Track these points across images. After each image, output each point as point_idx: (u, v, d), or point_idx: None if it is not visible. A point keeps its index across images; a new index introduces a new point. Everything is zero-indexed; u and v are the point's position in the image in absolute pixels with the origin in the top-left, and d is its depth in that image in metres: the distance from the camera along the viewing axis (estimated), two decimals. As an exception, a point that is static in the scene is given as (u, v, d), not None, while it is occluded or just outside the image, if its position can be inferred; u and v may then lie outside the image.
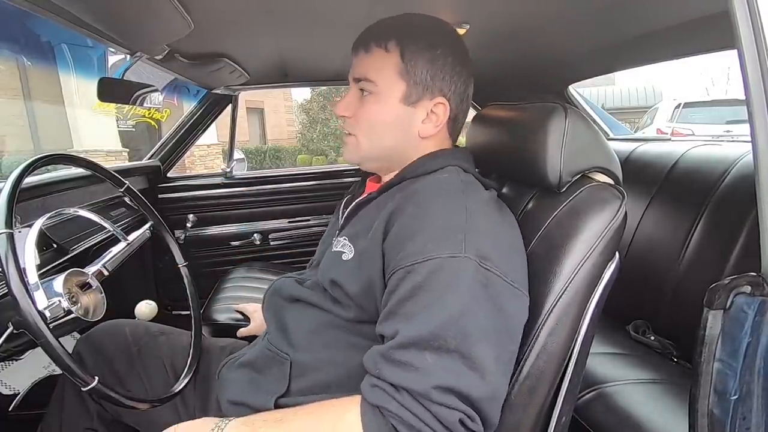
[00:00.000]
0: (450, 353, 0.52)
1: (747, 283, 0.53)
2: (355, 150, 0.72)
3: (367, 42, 0.68)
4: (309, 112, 12.19)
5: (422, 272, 0.55)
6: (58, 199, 1.11)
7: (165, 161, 1.85)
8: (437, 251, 0.55)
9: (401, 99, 0.68)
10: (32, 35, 5.77)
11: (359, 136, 0.71)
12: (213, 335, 1.21)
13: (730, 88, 10.82)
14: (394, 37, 0.67)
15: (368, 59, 0.68)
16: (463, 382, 0.51)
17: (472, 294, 0.54)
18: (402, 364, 0.52)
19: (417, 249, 0.56)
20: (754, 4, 0.50)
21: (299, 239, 2.00)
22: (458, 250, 0.55)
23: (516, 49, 1.29)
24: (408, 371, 0.52)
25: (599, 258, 0.61)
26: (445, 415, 0.51)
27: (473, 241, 0.56)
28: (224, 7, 0.87)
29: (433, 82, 0.67)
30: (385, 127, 0.69)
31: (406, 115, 0.68)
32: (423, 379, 0.51)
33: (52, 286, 0.67)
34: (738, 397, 0.53)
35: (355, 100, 0.71)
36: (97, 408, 0.82)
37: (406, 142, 0.70)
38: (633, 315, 1.27)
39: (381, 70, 0.67)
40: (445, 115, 0.69)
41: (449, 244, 0.56)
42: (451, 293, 0.54)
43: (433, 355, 0.52)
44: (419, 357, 0.52)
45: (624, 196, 0.64)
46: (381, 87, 0.67)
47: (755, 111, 0.51)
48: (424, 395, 0.51)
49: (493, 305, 0.55)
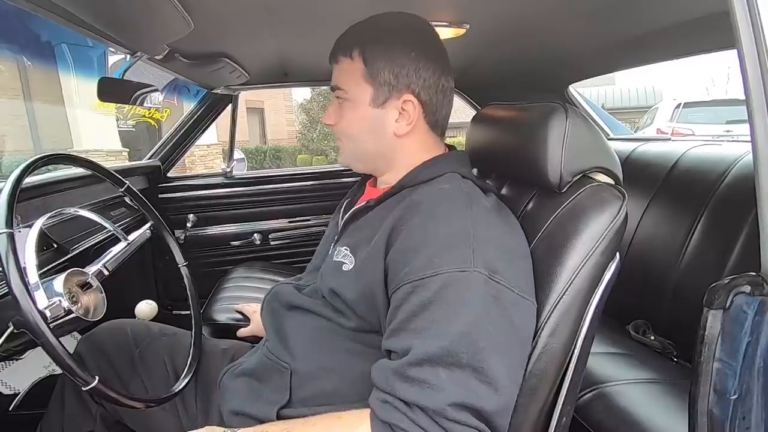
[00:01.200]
0: (463, 368, 0.51)
1: (747, 283, 0.53)
2: (345, 154, 0.76)
3: (335, 53, 0.72)
4: (309, 112, 12.19)
5: (431, 287, 0.54)
6: (58, 199, 1.11)
7: (165, 161, 1.85)
8: (445, 266, 0.55)
9: (370, 102, 0.69)
10: (32, 35, 5.77)
11: (344, 141, 0.75)
12: (213, 335, 1.21)
13: (730, 88, 10.81)
14: (356, 44, 0.69)
15: (338, 69, 0.72)
16: (477, 398, 0.51)
17: (483, 308, 0.54)
18: (416, 381, 0.52)
19: (423, 263, 0.56)
20: (754, 4, 0.50)
21: (299, 239, 2.00)
22: (467, 264, 0.55)
23: (516, 49, 1.29)
24: (423, 388, 0.51)
25: (600, 258, 0.61)
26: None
27: (481, 253, 0.56)
28: (224, 7, 0.87)
29: (397, 80, 0.68)
30: (360, 131, 0.72)
31: (377, 117, 0.70)
32: (438, 396, 0.51)
33: (52, 285, 0.67)
34: (738, 397, 0.53)
35: (336, 108, 0.74)
36: (99, 409, 0.82)
37: (385, 143, 0.71)
38: (633, 315, 1.27)
39: (348, 77, 0.70)
40: (415, 110, 0.69)
41: (457, 257, 0.55)
42: (463, 308, 0.53)
43: (446, 371, 0.51)
44: (433, 374, 0.51)
45: (625, 197, 0.64)
46: (351, 94, 0.70)
47: (755, 111, 0.51)
48: (439, 413, 0.50)
49: (503, 318, 0.55)
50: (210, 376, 0.81)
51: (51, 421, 0.82)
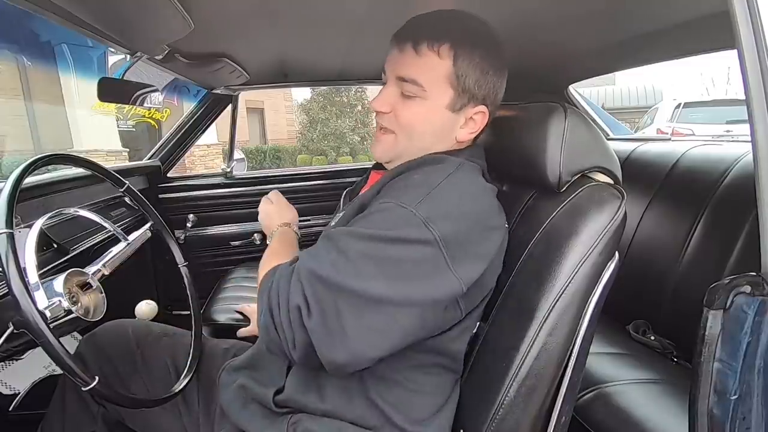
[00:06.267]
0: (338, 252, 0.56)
1: (747, 283, 0.53)
2: (391, 147, 0.70)
3: (418, 41, 0.64)
4: (309, 112, 12.18)
5: (371, 210, 0.59)
6: (58, 199, 1.11)
7: (165, 161, 1.85)
8: (392, 200, 0.58)
9: (447, 105, 0.66)
10: (32, 35, 5.77)
11: (399, 135, 0.69)
12: (213, 335, 1.21)
13: (730, 88, 10.81)
14: (447, 41, 0.64)
15: (418, 61, 0.64)
16: (295, 300, 0.56)
17: (395, 232, 0.55)
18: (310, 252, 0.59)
19: (382, 201, 0.59)
20: (754, 4, 0.50)
21: (299, 239, 2.00)
22: (410, 204, 0.56)
23: (516, 49, 1.28)
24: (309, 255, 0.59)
25: (599, 258, 0.61)
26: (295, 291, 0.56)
27: (430, 204, 0.57)
28: (224, 8, 0.87)
29: (478, 90, 0.66)
30: (426, 131, 0.68)
31: (448, 121, 0.68)
32: (291, 293, 0.56)
33: (52, 286, 0.67)
34: (738, 397, 0.53)
35: (395, 96, 0.67)
36: (100, 410, 0.82)
37: (443, 144, 0.70)
38: (633, 315, 1.27)
39: (430, 75, 0.64)
40: (483, 122, 0.69)
41: (407, 198, 0.57)
42: (381, 220, 0.57)
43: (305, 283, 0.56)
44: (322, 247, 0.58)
45: (623, 196, 0.64)
46: (429, 92, 0.65)
47: (755, 111, 0.51)
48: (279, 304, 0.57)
49: (401, 257, 0.55)
50: (211, 376, 0.81)
51: (52, 422, 0.82)
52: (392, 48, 0.68)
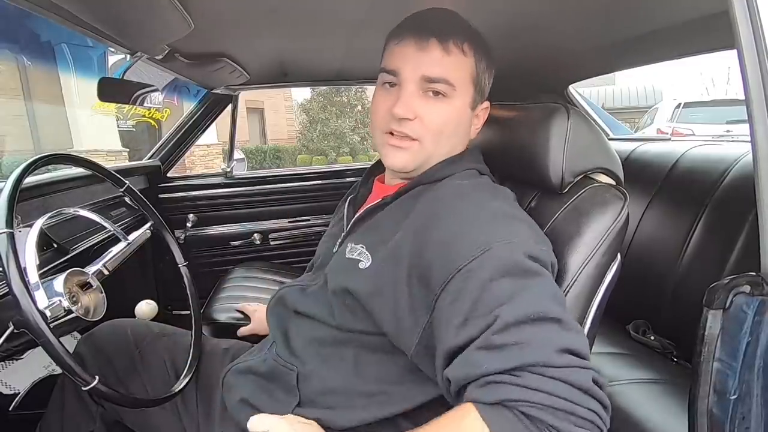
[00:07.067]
0: (545, 322, 0.47)
1: (746, 283, 0.53)
2: (418, 155, 0.65)
3: (446, 39, 0.61)
4: (309, 112, 12.18)
5: (486, 266, 0.50)
6: (58, 199, 1.11)
7: (165, 161, 1.85)
8: (493, 241, 0.52)
9: (470, 104, 0.67)
10: (32, 35, 5.77)
11: (426, 140, 0.64)
12: (213, 335, 1.21)
13: (730, 88, 10.82)
14: (467, 39, 0.63)
15: (448, 59, 0.62)
16: (572, 341, 0.46)
17: (533, 270, 0.51)
18: (507, 345, 0.46)
19: (469, 246, 0.52)
20: (754, 4, 0.50)
21: (299, 239, 2.00)
22: (513, 237, 0.54)
23: (516, 49, 1.29)
24: (521, 348, 0.45)
25: (602, 259, 0.61)
26: (577, 378, 0.44)
27: (517, 228, 0.56)
28: (224, 7, 0.87)
29: (486, 86, 0.68)
30: (453, 132, 0.65)
31: (468, 120, 0.68)
32: (541, 349, 0.45)
33: (52, 285, 0.67)
34: (737, 397, 0.53)
35: (417, 100, 0.63)
36: (99, 409, 0.82)
37: (462, 145, 0.70)
38: (633, 315, 1.27)
39: (460, 74, 0.63)
40: (485, 117, 0.70)
41: (501, 232, 0.54)
42: (518, 273, 0.51)
43: (533, 327, 0.47)
44: (521, 333, 0.46)
45: (626, 197, 0.64)
46: (459, 91, 0.63)
47: (755, 111, 0.51)
48: (548, 363, 0.45)
49: (545, 280, 0.53)
50: (211, 376, 0.81)
51: (50, 421, 0.82)
52: (403, 46, 0.63)
